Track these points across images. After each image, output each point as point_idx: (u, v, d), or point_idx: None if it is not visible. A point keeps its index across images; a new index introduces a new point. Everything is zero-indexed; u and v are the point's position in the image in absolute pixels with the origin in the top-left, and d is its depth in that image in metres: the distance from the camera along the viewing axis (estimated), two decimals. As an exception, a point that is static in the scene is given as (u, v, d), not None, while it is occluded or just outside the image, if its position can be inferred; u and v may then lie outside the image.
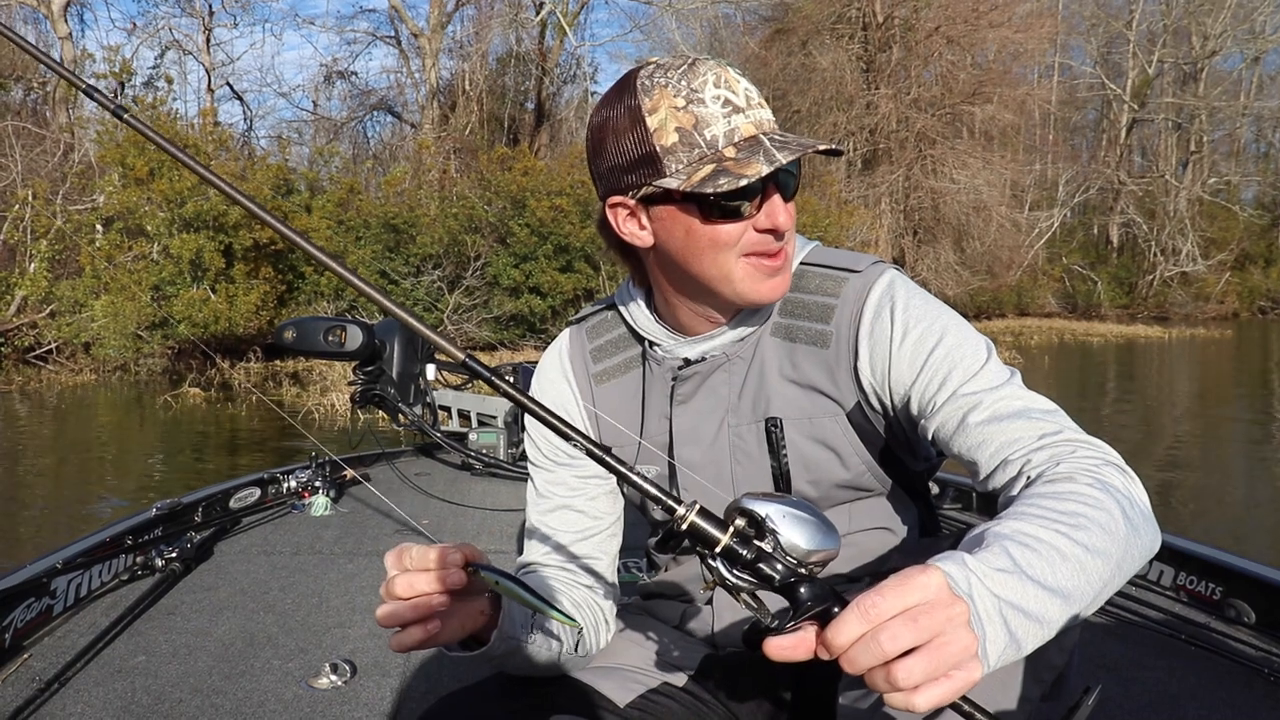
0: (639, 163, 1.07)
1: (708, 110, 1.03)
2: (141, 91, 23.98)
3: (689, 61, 1.06)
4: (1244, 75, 41.51)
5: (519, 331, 17.74)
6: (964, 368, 1.07)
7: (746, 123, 1.05)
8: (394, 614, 0.91)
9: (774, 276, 1.10)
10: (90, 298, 14.29)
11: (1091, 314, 35.95)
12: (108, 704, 1.91)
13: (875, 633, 0.69)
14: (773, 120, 1.07)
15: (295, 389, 12.97)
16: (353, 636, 2.30)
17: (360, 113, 33.16)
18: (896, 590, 0.71)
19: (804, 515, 0.81)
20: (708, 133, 1.03)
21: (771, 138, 1.04)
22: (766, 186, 1.05)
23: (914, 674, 0.69)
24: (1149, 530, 0.94)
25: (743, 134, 1.04)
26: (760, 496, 0.82)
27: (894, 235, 30.45)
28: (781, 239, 1.08)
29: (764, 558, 0.79)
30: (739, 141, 1.04)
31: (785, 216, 1.07)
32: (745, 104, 1.05)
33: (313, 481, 3.58)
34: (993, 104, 30.46)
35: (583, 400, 1.30)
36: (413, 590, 0.91)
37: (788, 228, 1.08)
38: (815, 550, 0.79)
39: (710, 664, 1.24)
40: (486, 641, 1.03)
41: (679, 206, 1.07)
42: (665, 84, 1.05)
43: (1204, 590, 2.37)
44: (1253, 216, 40.81)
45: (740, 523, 0.80)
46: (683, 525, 0.80)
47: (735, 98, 1.05)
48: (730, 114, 1.04)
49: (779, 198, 1.06)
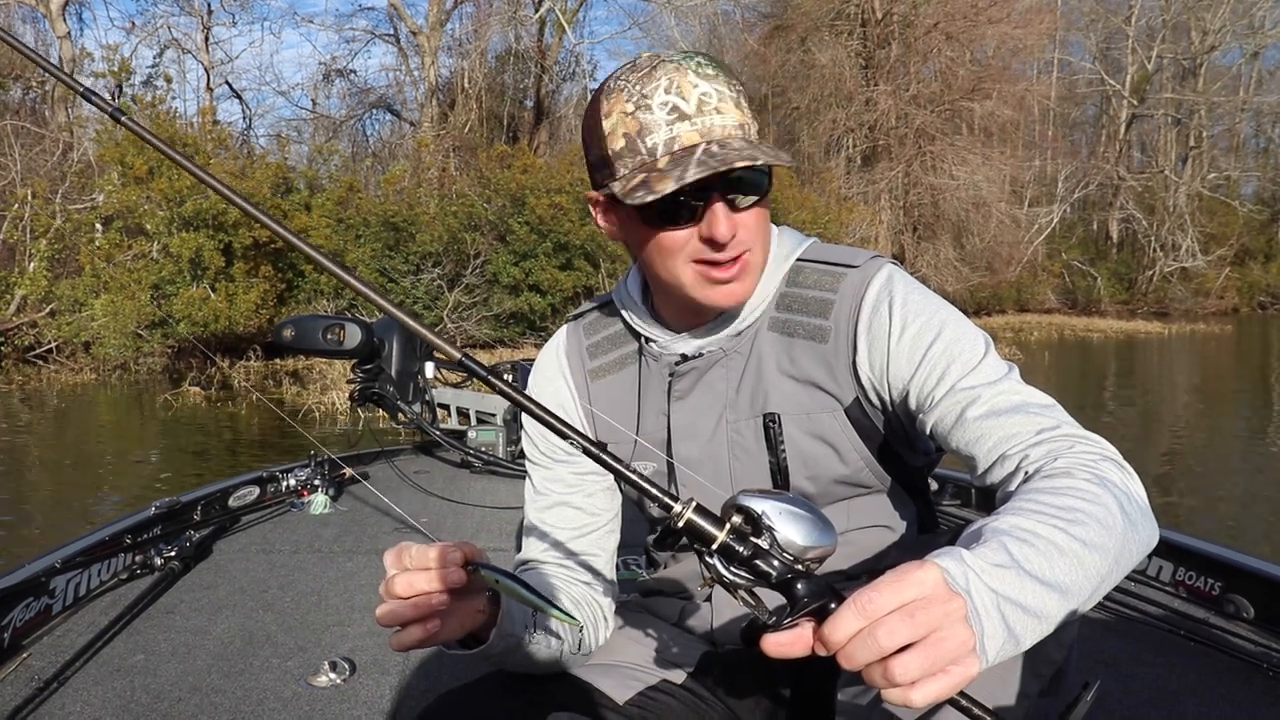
0: (598, 164, 1.09)
1: (652, 117, 1.03)
2: (140, 90, 23.95)
3: (654, 64, 1.05)
4: (1243, 70, 41.53)
5: (519, 329, 17.73)
6: (962, 362, 1.07)
7: (690, 131, 1.03)
8: (394, 613, 0.91)
9: (724, 285, 1.09)
10: (90, 297, 14.29)
11: (1091, 310, 35.93)
12: (107, 703, 1.91)
13: (872, 628, 0.69)
14: (732, 125, 1.04)
15: (295, 387, 12.97)
16: (352, 635, 2.30)
17: (359, 111, 33.15)
18: (893, 586, 0.71)
19: (801, 512, 0.81)
20: (649, 140, 1.04)
21: (710, 147, 1.02)
22: (710, 195, 1.04)
23: (910, 669, 0.68)
24: (1146, 525, 0.94)
25: (682, 143, 1.03)
26: (757, 493, 0.82)
27: (893, 232, 30.44)
28: (721, 249, 1.06)
29: (761, 554, 0.79)
30: (676, 151, 1.03)
31: (726, 227, 1.04)
32: (695, 110, 1.03)
33: (312, 480, 3.58)
34: (992, 100, 30.45)
35: (579, 396, 1.30)
36: (412, 589, 0.90)
37: (727, 239, 1.05)
38: (812, 547, 0.80)
39: (709, 661, 1.24)
40: (485, 640, 1.02)
41: (629, 210, 1.08)
42: (622, 88, 1.05)
43: (1203, 585, 2.37)
44: (1252, 212, 40.79)
45: (737, 519, 0.80)
46: (679, 523, 0.80)
47: (685, 104, 1.03)
48: (675, 121, 1.03)
49: (721, 207, 1.04)
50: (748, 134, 1.06)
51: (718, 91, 1.05)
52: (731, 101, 1.05)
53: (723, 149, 1.02)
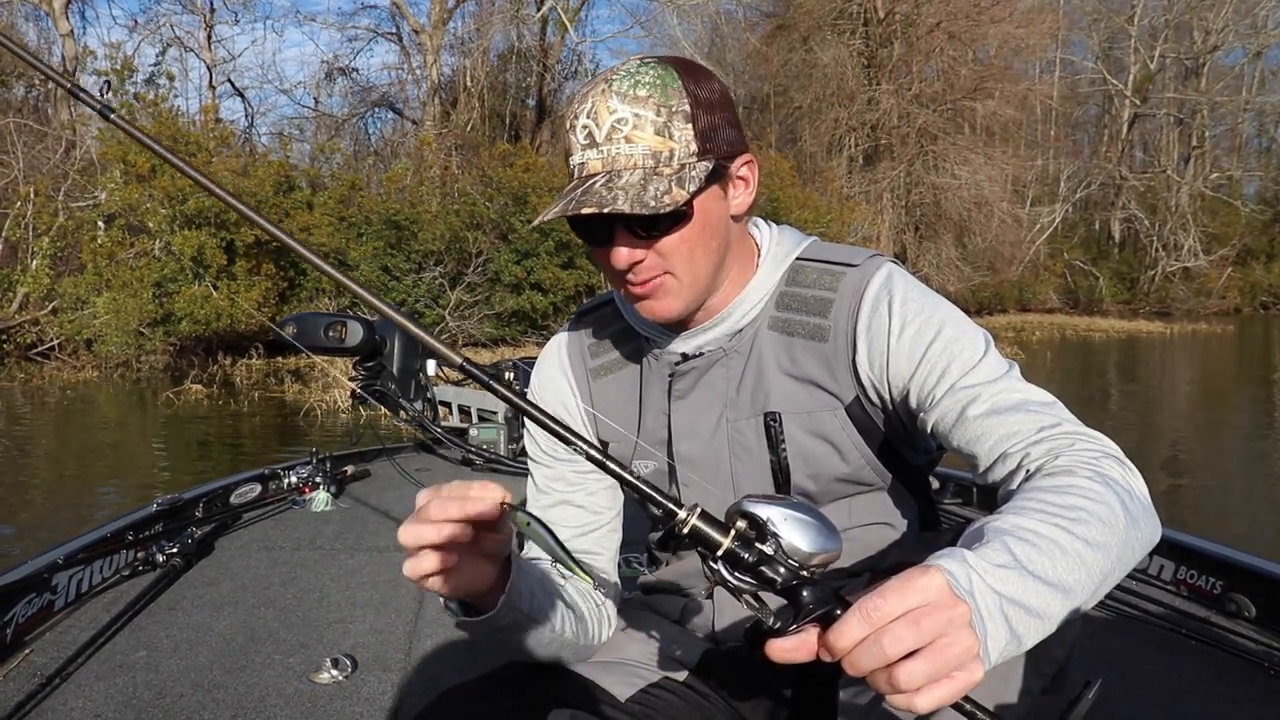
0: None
1: (573, 139, 1.07)
2: (143, 88, 23.95)
3: (592, 83, 1.07)
4: (1246, 70, 41.45)
5: (520, 328, 17.74)
6: (962, 360, 1.07)
7: (595, 159, 1.05)
8: (416, 532, 0.88)
9: (642, 300, 1.12)
10: (92, 294, 14.31)
11: (1093, 309, 35.91)
12: (109, 699, 1.91)
13: (877, 635, 0.70)
14: (637, 155, 1.03)
15: (297, 385, 12.98)
16: (354, 631, 2.30)
17: (361, 109, 33.12)
18: (898, 592, 0.71)
19: (805, 518, 0.81)
20: (572, 160, 1.07)
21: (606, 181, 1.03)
22: (613, 223, 1.06)
23: (916, 676, 0.69)
24: (1149, 521, 0.94)
25: (588, 169, 1.05)
26: (761, 499, 0.82)
27: (895, 231, 30.42)
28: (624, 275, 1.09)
29: (766, 560, 0.79)
30: (581, 176, 1.06)
31: (621, 257, 1.07)
32: (605, 138, 1.04)
33: (313, 477, 3.58)
34: (994, 99, 30.41)
35: (580, 395, 1.30)
36: (444, 514, 0.88)
37: (622, 267, 1.08)
38: (817, 553, 0.80)
39: (711, 658, 1.24)
40: (488, 610, 1.01)
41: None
42: (571, 103, 1.08)
43: (1204, 584, 2.37)
44: (1255, 212, 40.75)
45: (741, 525, 0.80)
46: (684, 529, 0.80)
47: (597, 130, 1.04)
48: (586, 147, 1.05)
49: (622, 235, 1.07)
50: (659, 163, 1.04)
51: (635, 117, 1.03)
52: (653, 127, 1.03)
53: (608, 186, 1.02)
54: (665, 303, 1.12)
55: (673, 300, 1.12)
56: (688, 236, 1.08)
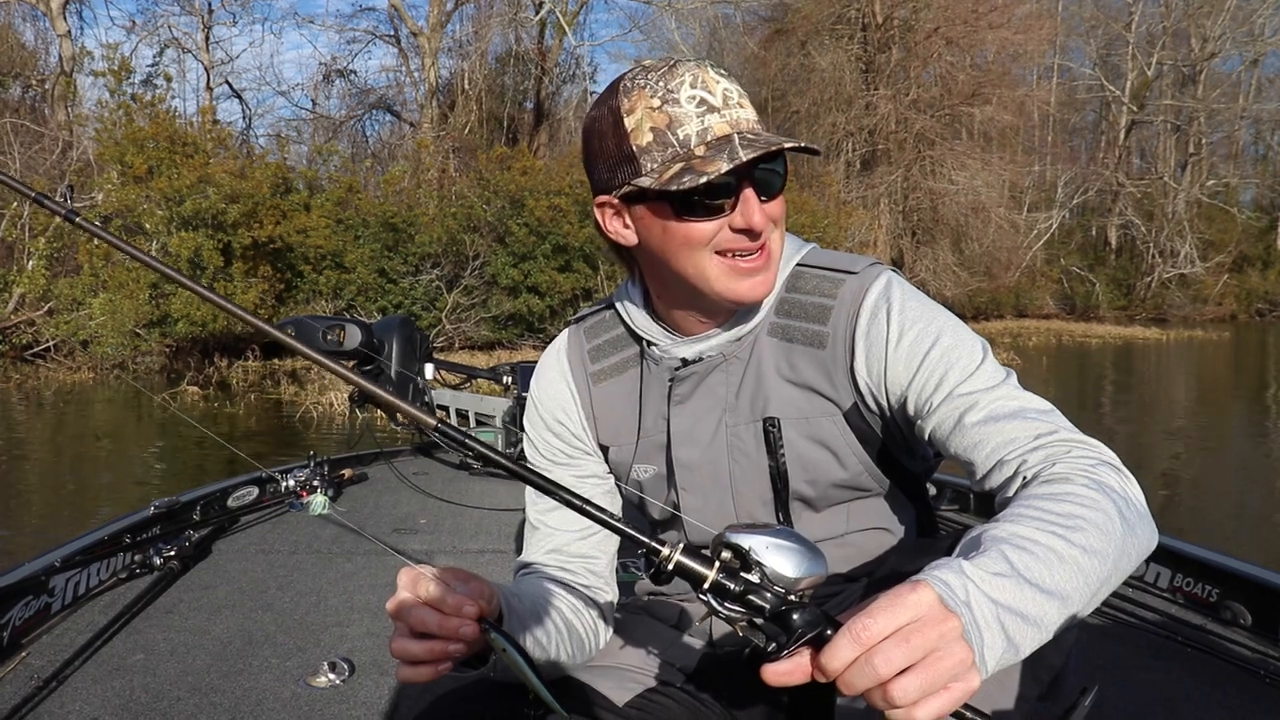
0: (619, 163, 1.09)
1: (682, 110, 1.05)
2: (140, 89, 23.92)
3: (671, 63, 1.08)
4: (1243, 77, 41.62)
5: (517, 331, 17.74)
6: (960, 368, 1.07)
7: (720, 122, 1.05)
8: (405, 650, 0.93)
9: (752, 276, 1.10)
10: (88, 295, 14.28)
11: (1089, 315, 35.98)
12: (106, 702, 1.91)
13: (868, 656, 0.70)
14: (753, 120, 1.08)
15: (294, 388, 12.96)
16: (351, 635, 2.30)
17: (359, 111, 33.14)
18: (887, 611, 0.71)
19: (788, 544, 0.82)
20: (680, 132, 1.05)
21: (744, 136, 1.04)
22: (741, 185, 1.06)
23: (910, 692, 0.70)
24: (1145, 529, 0.94)
25: (715, 133, 1.05)
26: (743, 529, 0.83)
27: (892, 236, 30.46)
28: (757, 238, 1.08)
29: (752, 589, 0.80)
30: (711, 140, 1.05)
31: (760, 216, 1.06)
32: (722, 104, 1.06)
33: (311, 480, 3.58)
34: (992, 105, 30.46)
35: (581, 400, 1.30)
36: (423, 626, 0.92)
37: (762, 227, 1.07)
38: (803, 577, 0.81)
39: (708, 663, 1.25)
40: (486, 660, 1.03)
41: (655, 205, 1.09)
42: (644, 85, 1.07)
43: (1200, 592, 2.38)
44: (1251, 219, 40.90)
45: (726, 556, 0.82)
46: (669, 565, 0.82)
47: (711, 98, 1.06)
48: (704, 114, 1.05)
49: (754, 196, 1.06)
50: (768, 128, 1.09)
51: (737, 89, 1.08)
52: (748, 99, 1.09)
53: (756, 137, 1.04)
54: (770, 275, 1.13)
55: (773, 273, 1.14)
56: (784, 205, 1.12)
